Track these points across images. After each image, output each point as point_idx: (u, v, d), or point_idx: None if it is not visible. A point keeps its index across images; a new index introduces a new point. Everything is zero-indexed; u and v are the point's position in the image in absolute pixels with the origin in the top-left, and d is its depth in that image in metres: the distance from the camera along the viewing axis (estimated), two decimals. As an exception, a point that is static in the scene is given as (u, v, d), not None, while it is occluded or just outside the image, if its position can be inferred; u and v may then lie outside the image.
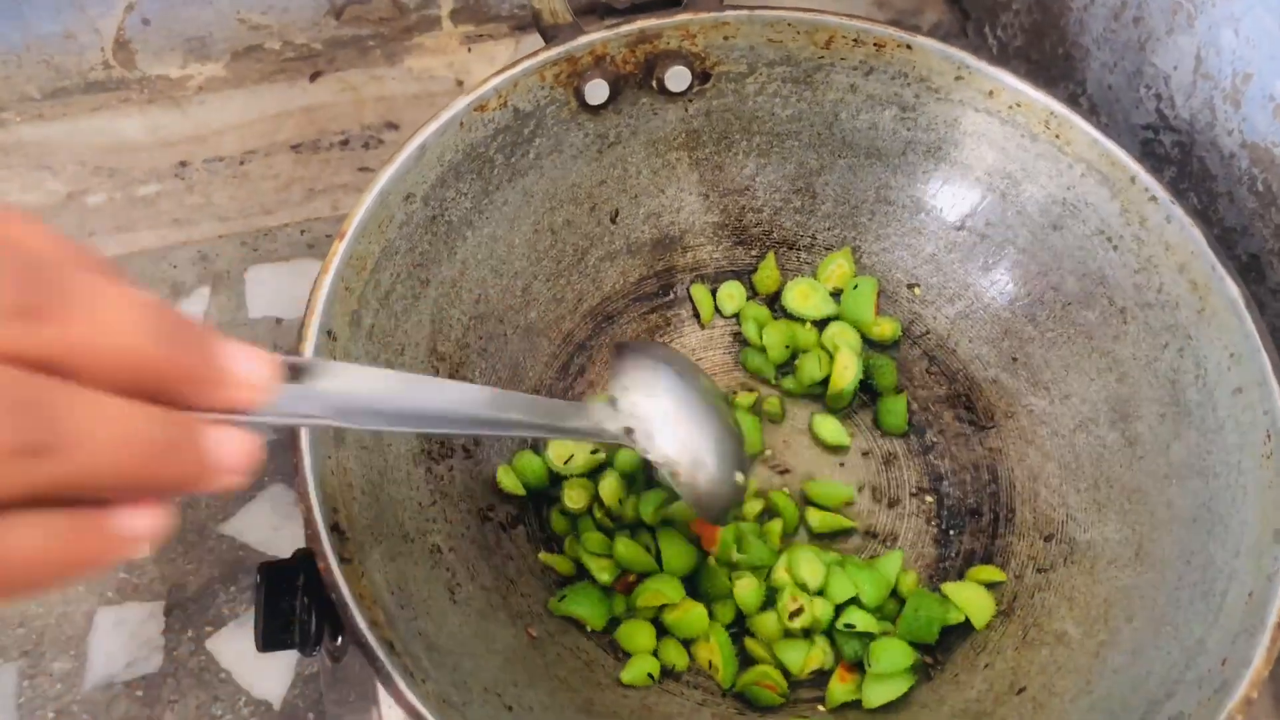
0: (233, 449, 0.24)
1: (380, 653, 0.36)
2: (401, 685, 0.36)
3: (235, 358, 0.24)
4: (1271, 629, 0.38)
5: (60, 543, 0.21)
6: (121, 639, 0.57)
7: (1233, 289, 0.46)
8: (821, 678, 0.49)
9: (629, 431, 0.40)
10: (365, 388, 0.29)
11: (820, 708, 0.48)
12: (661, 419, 0.41)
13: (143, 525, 0.22)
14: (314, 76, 0.76)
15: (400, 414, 0.30)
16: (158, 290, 0.67)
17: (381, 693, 0.48)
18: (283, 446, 0.63)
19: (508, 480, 0.50)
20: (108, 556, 0.22)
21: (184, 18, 0.71)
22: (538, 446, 0.52)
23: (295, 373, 0.27)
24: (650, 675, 0.47)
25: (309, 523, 0.39)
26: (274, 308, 0.67)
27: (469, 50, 0.78)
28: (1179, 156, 0.60)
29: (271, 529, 0.60)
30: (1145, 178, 0.49)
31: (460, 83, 0.77)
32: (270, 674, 0.57)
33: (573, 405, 0.40)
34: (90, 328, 0.21)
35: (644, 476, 0.50)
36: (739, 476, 0.44)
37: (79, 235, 0.68)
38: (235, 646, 0.57)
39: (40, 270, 0.21)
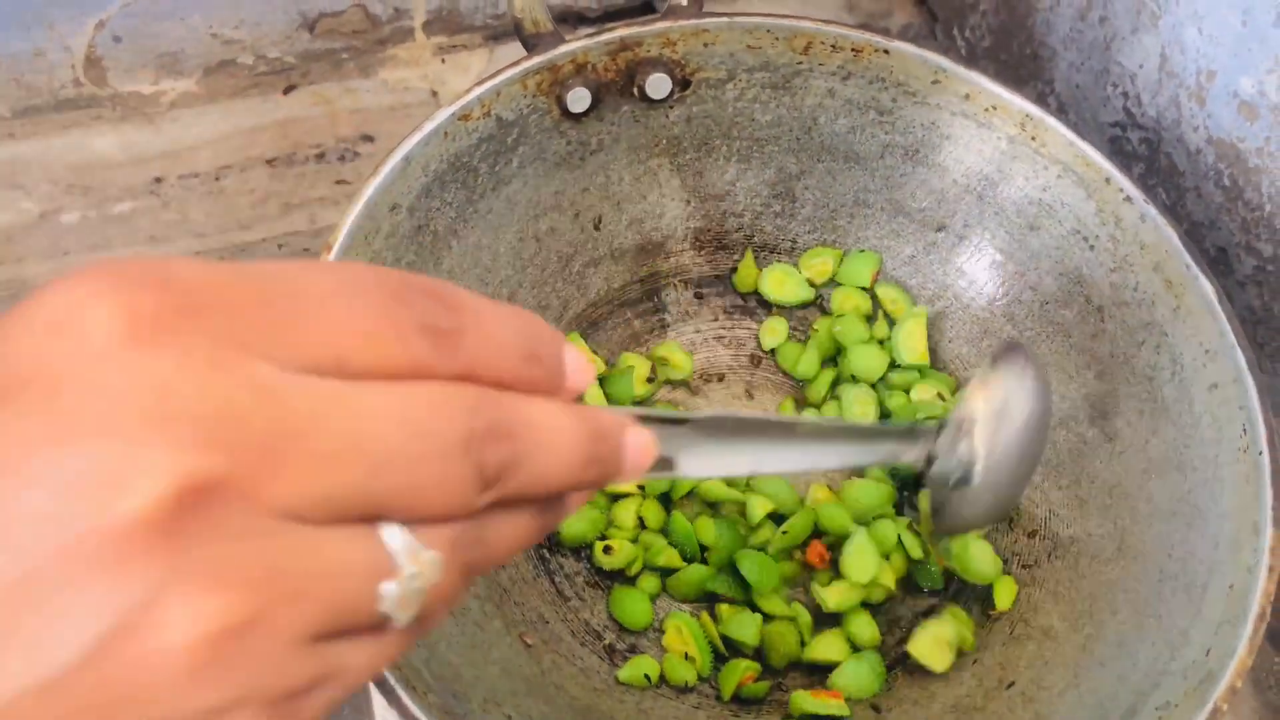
0: (640, 443, 0.26)
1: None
2: (405, 698, 0.36)
3: (629, 452, 0.26)
4: (1253, 620, 0.39)
5: (538, 520, 0.24)
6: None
7: (1206, 287, 0.47)
8: (814, 674, 0.49)
9: (931, 460, 0.37)
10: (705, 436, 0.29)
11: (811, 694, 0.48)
12: (982, 459, 0.37)
13: (579, 499, 0.26)
14: (288, 90, 0.76)
15: (733, 462, 0.31)
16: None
17: (375, 707, 0.48)
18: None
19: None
20: (552, 527, 0.25)
21: (155, 34, 0.71)
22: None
23: (661, 423, 0.28)
24: (647, 676, 0.47)
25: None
26: (253, 322, 0.67)
27: (443, 61, 0.78)
28: (1146, 153, 0.61)
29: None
30: (1120, 178, 0.50)
31: (435, 93, 0.77)
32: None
33: (892, 432, 0.38)
34: (484, 342, 0.23)
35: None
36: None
37: (53, 254, 0.68)
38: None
39: (440, 297, 0.22)
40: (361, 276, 0.21)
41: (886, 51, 0.52)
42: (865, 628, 0.49)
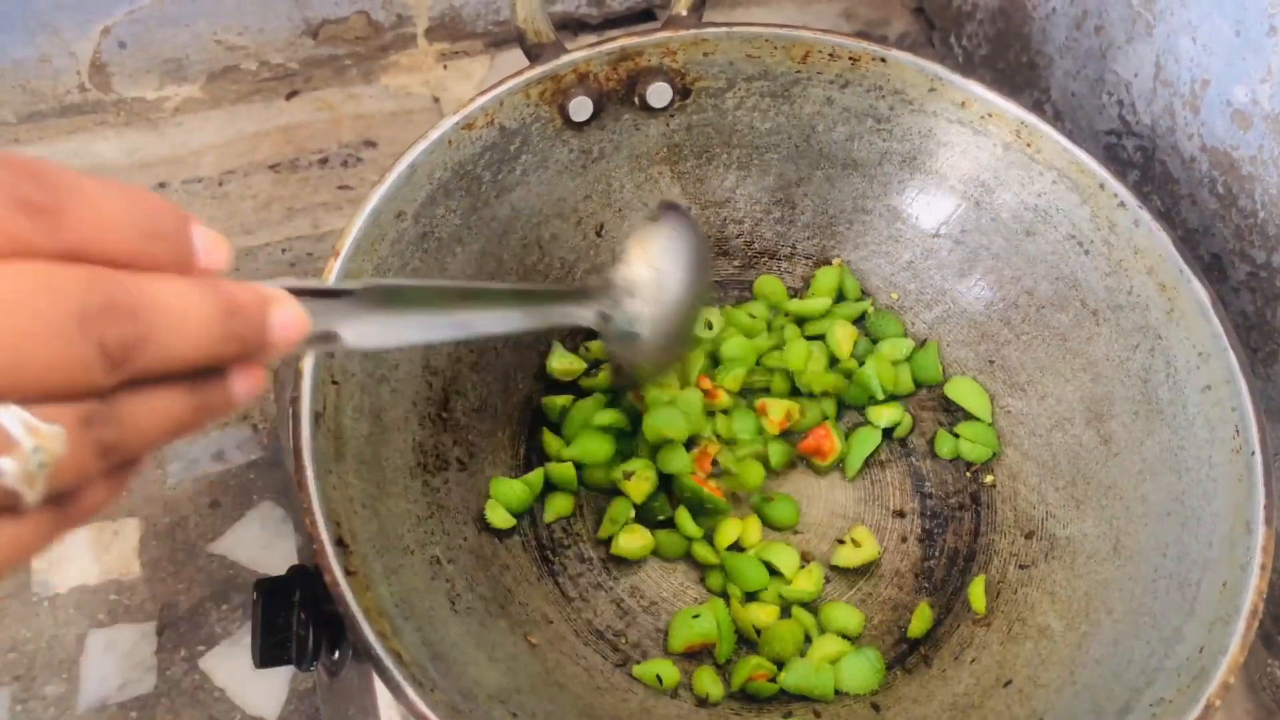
0: (287, 316, 0.25)
1: (389, 663, 0.37)
2: (412, 695, 0.37)
3: (275, 324, 0.25)
4: (1246, 617, 0.40)
5: (190, 400, 0.24)
6: (114, 661, 0.57)
7: (1200, 290, 0.48)
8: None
9: (606, 317, 0.40)
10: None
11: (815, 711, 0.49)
12: (648, 312, 0.41)
13: (247, 384, 0.25)
14: (290, 96, 0.77)
15: (402, 329, 0.31)
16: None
17: (381, 706, 0.48)
18: (271, 464, 0.63)
19: (495, 516, 0.50)
20: (223, 411, 0.25)
21: (160, 40, 0.71)
22: (519, 470, 0.54)
23: (315, 295, 0.27)
24: (659, 678, 0.48)
25: (314, 537, 0.39)
26: (257, 326, 0.68)
27: (445, 67, 0.79)
28: (1141, 161, 0.62)
29: (261, 547, 0.60)
30: (1113, 184, 0.51)
31: (437, 99, 0.78)
32: (265, 691, 0.57)
33: (562, 292, 0.41)
34: (93, 218, 0.22)
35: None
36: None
37: (58, 258, 0.69)
38: (229, 665, 0.57)
39: (35, 173, 0.21)
40: None
41: (884, 60, 0.53)
42: (848, 615, 0.50)
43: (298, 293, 0.26)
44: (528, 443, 0.55)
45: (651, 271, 0.41)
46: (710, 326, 0.56)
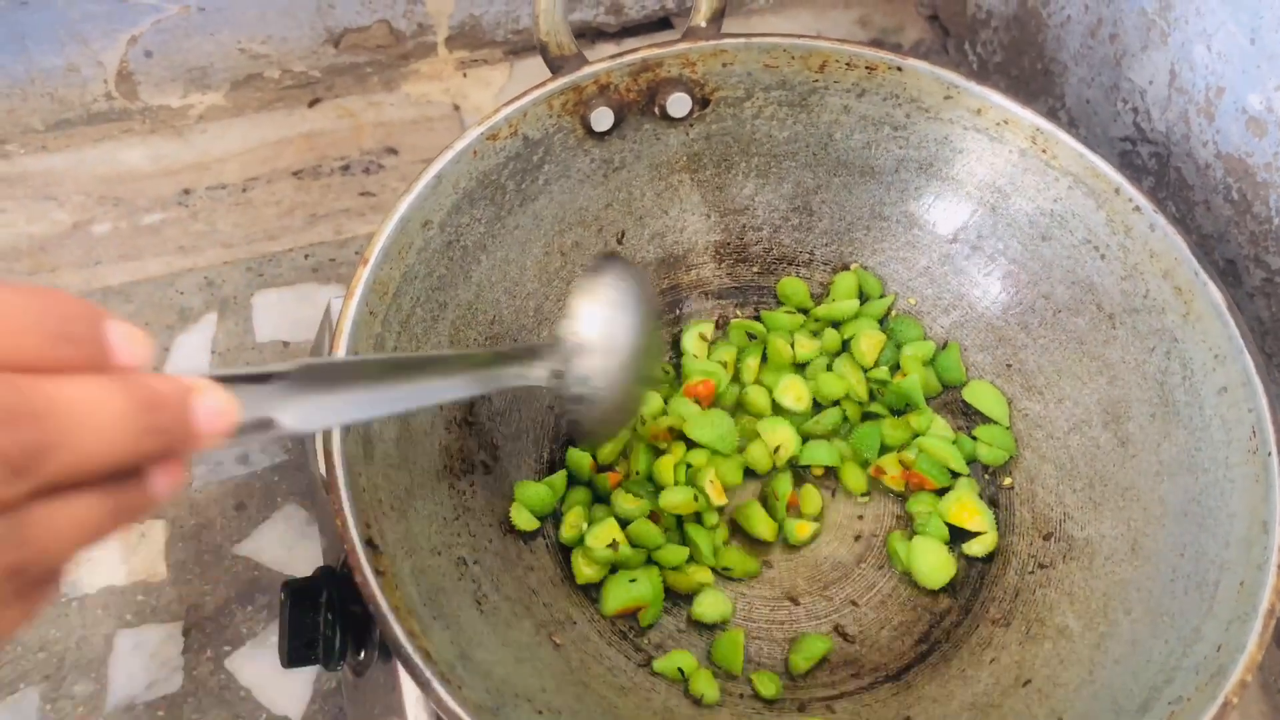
0: (214, 406, 0.24)
1: (419, 661, 0.38)
2: (442, 693, 0.37)
3: (200, 415, 0.25)
4: (1263, 615, 0.40)
5: (103, 506, 0.23)
6: (142, 660, 0.58)
7: (1215, 293, 0.48)
8: (827, 679, 0.51)
9: (558, 374, 0.40)
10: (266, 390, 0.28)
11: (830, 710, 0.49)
12: (591, 349, 0.40)
13: (167, 481, 0.24)
14: (313, 103, 0.78)
15: (338, 409, 0.30)
16: (166, 317, 0.68)
17: (407, 704, 0.49)
18: (295, 468, 0.64)
19: (520, 518, 0.51)
20: (142, 512, 0.24)
21: (185, 48, 0.73)
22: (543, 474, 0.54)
23: (243, 382, 0.26)
24: (680, 670, 0.49)
25: (344, 538, 0.40)
26: (280, 331, 0.69)
27: (464, 75, 0.80)
28: (1156, 167, 0.63)
29: (286, 548, 0.61)
30: (1129, 189, 0.51)
31: (457, 107, 0.79)
32: (290, 691, 0.58)
33: (501, 354, 0.40)
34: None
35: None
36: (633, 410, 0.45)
37: (85, 264, 0.70)
38: (254, 665, 0.58)
39: None
40: None
41: (900, 69, 0.54)
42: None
43: (226, 380, 0.25)
44: (551, 446, 0.55)
45: (598, 325, 0.41)
46: (667, 373, 0.58)
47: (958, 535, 0.54)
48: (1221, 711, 0.39)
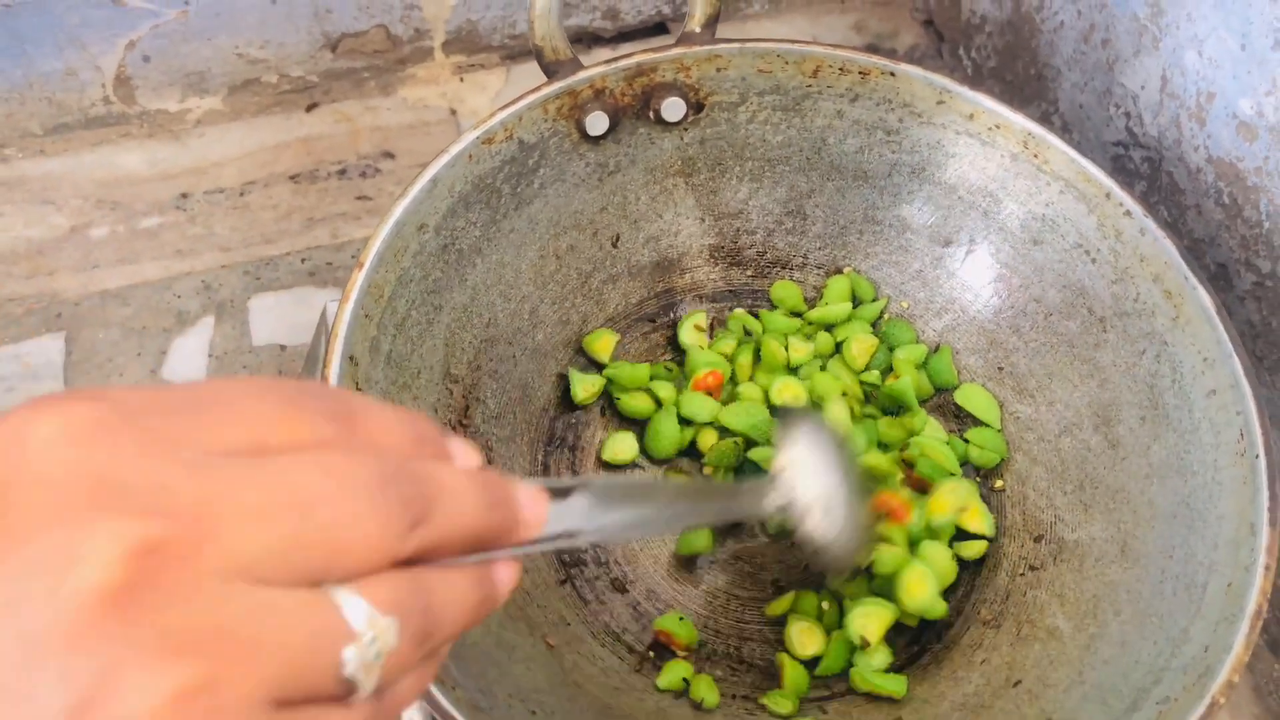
0: (531, 495, 0.27)
1: (414, 662, 0.38)
2: (435, 693, 0.38)
3: (524, 504, 0.27)
4: (1250, 616, 0.41)
5: (477, 591, 0.25)
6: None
7: (1205, 297, 0.48)
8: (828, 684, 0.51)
9: (784, 508, 0.41)
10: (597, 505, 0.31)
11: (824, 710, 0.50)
12: (817, 499, 0.42)
13: (509, 575, 0.27)
14: (310, 108, 0.78)
15: (625, 524, 0.33)
16: (163, 320, 0.69)
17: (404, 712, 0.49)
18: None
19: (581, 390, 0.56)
20: (496, 604, 0.26)
21: (183, 53, 0.73)
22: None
23: (554, 493, 0.29)
24: (685, 681, 0.49)
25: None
26: (277, 335, 0.69)
27: (461, 80, 0.80)
28: (1148, 172, 0.63)
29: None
30: (1119, 193, 0.52)
31: (454, 111, 0.79)
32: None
33: (736, 487, 0.44)
34: (378, 425, 0.25)
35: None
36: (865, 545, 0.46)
37: (83, 268, 0.70)
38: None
39: (330, 392, 0.25)
40: (262, 382, 0.24)
41: (893, 74, 0.54)
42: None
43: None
44: (544, 449, 0.56)
45: (808, 465, 0.42)
46: (670, 371, 0.59)
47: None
48: (1208, 711, 0.39)
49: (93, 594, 0.18)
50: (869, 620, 0.49)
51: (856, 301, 0.60)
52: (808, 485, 0.41)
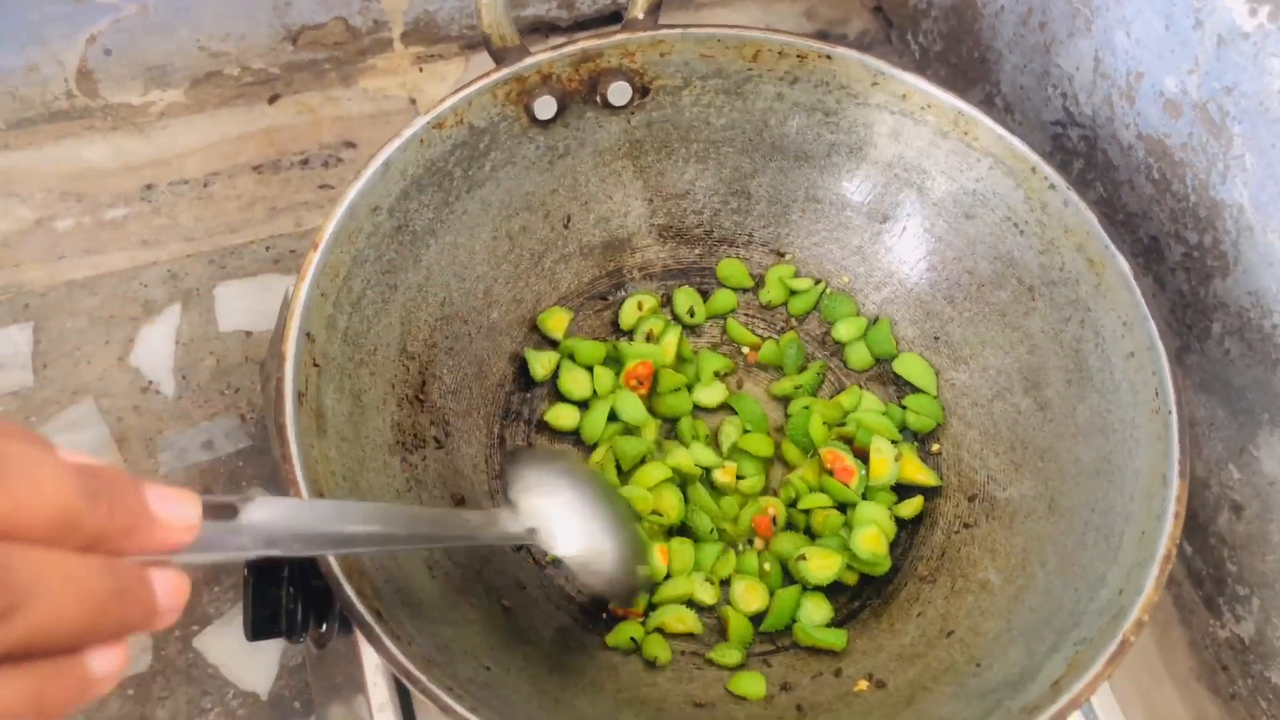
0: (171, 589, 0.25)
1: (370, 619, 0.40)
2: (390, 647, 0.39)
3: (160, 502, 0.25)
4: (1160, 560, 0.43)
5: (41, 689, 0.23)
6: (111, 640, 0.59)
7: (1123, 264, 0.51)
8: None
9: (533, 531, 0.43)
10: (284, 518, 0.31)
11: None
12: (561, 516, 0.44)
13: (109, 664, 0.24)
14: (272, 99, 0.79)
15: (319, 538, 0.34)
16: (130, 309, 0.70)
17: (367, 672, 0.51)
18: (259, 452, 0.66)
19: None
20: (86, 696, 0.24)
21: (145, 47, 0.74)
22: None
23: (222, 509, 0.29)
24: (633, 640, 0.51)
25: (298, 507, 0.42)
26: (243, 322, 0.70)
27: (420, 70, 0.82)
28: (1085, 149, 0.65)
29: (251, 530, 0.63)
30: (1044, 167, 0.54)
31: (413, 101, 0.80)
32: (257, 667, 0.59)
33: (478, 514, 0.44)
34: (24, 491, 0.22)
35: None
36: (641, 569, 0.48)
37: (49, 259, 0.71)
38: (221, 643, 0.60)
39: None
40: None
41: (829, 57, 0.56)
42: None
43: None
44: (500, 423, 0.58)
45: (546, 499, 0.44)
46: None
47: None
48: (1119, 649, 0.42)
49: None
50: (821, 560, 0.52)
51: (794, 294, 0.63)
52: (550, 512, 0.43)
